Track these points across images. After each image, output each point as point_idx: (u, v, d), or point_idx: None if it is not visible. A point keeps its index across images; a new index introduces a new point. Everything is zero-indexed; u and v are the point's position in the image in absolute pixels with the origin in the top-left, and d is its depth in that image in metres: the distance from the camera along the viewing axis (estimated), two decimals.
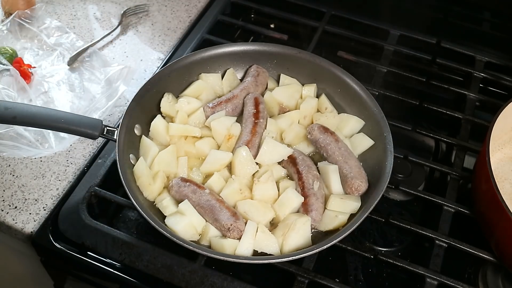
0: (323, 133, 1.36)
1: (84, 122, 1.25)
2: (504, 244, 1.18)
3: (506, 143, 1.37)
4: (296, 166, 1.31)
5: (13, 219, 1.32)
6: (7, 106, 1.21)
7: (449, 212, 1.33)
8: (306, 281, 1.20)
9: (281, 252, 1.21)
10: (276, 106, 1.48)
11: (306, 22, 1.79)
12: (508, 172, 1.32)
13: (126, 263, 1.22)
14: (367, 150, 1.39)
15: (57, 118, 1.23)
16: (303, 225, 1.21)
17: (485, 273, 1.27)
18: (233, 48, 1.55)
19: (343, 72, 1.48)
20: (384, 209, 1.38)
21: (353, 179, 1.28)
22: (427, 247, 1.30)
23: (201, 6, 1.88)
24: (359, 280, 1.30)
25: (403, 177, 1.43)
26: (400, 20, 1.79)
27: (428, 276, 1.21)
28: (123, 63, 1.68)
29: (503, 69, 1.68)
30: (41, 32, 1.70)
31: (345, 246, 1.25)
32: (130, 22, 1.82)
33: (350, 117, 1.43)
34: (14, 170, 1.42)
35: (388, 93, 1.57)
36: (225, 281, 1.19)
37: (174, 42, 1.76)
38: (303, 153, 1.37)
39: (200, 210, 1.24)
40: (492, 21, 1.88)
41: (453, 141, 1.48)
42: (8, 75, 1.57)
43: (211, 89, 1.50)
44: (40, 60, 1.65)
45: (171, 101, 1.43)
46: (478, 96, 1.59)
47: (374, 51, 1.74)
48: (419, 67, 1.74)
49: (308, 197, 1.26)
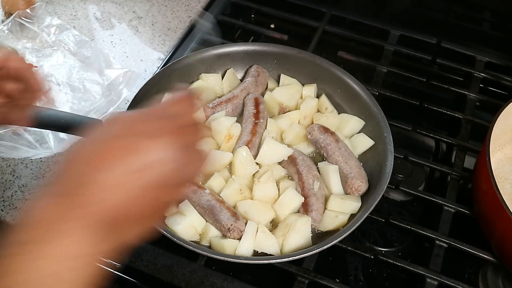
0: (323, 133, 1.36)
1: (84, 122, 1.25)
2: (504, 244, 1.18)
3: (507, 143, 1.37)
4: (296, 166, 1.31)
5: (13, 219, 1.32)
6: None
7: (449, 212, 1.33)
8: (306, 281, 1.20)
9: (281, 252, 1.21)
10: (276, 106, 1.48)
11: (306, 22, 1.79)
12: (508, 172, 1.32)
13: (126, 263, 1.22)
14: (367, 150, 1.39)
15: (57, 118, 1.23)
16: (303, 225, 1.21)
17: (485, 273, 1.27)
18: (233, 48, 1.55)
19: (343, 72, 1.48)
20: (384, 209, 1.38)
21: (353, 179, 1.28)
22: (427, 247, 1.30)
23: (201, 6, 1.88)
24: (359, 280, 1.30)
25: (403, 177, 1.43)
26: (400, 20, 1.79)
27: (428, 276, 1.21)
28: (123, 63, 1.68)
29: (504, 69, 1.68)
30: (42, 31, 1.70)
31: (345, 246, 1.24)
32: (130, 22, 1.82)
33: (350, 117, 1.43)
34: (14, 170, 1.41)
35: (388, 93, 1.57)
36: (225, 281, 1.19)
37: (174, 42, 1.76)
38: (303, 153, 1.37)
39: (200, 210, 1.23)
40: (492, 21, 1.88)
41: (453, 141, 1.48)
42: None
43: (211, 89, 1.50)
44: (42, 59, 1.65)
45: None
46: (478, 96, 1.59)
47: (374, 51, 1.74)
48: (419, 67, 1.74)
49: (308, 197, 1.26)
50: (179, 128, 0.78)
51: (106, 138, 0.74)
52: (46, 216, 0.66)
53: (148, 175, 0.72)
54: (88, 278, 0.67)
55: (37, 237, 0.65)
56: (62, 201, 0.67)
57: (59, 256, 0.64)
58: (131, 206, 0.70)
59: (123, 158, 0.71)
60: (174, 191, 0.77)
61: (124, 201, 0.70)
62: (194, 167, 0.81)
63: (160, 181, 0.73)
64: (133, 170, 0.71)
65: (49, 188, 0.71)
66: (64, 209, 0.67)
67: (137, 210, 0.71)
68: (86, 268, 0.66)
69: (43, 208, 0.67)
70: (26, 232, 0.66)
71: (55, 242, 0.64)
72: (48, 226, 0.65)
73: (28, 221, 0.67)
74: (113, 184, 0.69)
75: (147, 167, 0.71)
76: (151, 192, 0.72)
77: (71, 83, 1.60)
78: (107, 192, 0.69)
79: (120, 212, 0.69)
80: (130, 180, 0.70)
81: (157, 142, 0.73)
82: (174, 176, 0.75)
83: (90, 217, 0.67)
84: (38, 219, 0.66)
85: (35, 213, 0.67)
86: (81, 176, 0.69)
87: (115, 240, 0.71)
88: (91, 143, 0.74)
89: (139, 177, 0.71)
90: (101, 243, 0.68)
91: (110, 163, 0.70)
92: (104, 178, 0.69)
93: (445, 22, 1.87)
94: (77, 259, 0.66)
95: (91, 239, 0.66)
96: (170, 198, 0.77)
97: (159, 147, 0.73)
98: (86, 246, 0.66)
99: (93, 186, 0.68)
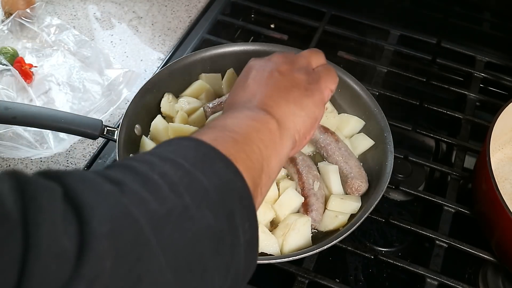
0: (323, 133, 1.36)
1: (84, 122, 1.25)
2: (504, 244, 1.18)
3: (507, 143, 1.37)
4: (296, 166, 1.31)
5: None
6: (7, 106, 1.21)
7: (450, 212, 1.33)
8: (306, 281, 1.20)
9: (281, 252, 1.20)
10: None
11: (306, 22, 1.79)
12: (508, 172, 1.32)
13: None
14: (367, 150, 1.39)
15: (57, 118, 1.23)
16: (303, 225, 1.21)
17: (485, 273, 1.27)
18: (233, 48, 1.54)
19: (343, 72, 1.48)
20: (384, 209, 1.38)
21: (353, 179, 1.28)
22: (427, 247, 1.30)
23: (201, 6, 1.88)
24: (359, 280, 1.30)
25: (403, 177, 1.43)
26: (400, 20, 1.79)
27: (428, 276, 1.21)
28: (123, 63, 1.68)
29: (504, 69, 1.68)
30: (42, 31, 1.70)
31: (346, 246, 1.25)
32: (130, 22, 1.82)
33: (350, 117, 1.43)
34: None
35: (388, 93, 1.57)
36: None
37: (174, 42, 1.76)
38: (303, 153, 1.37)
39: None
40: (492, 21, 1.88)
41: (453, 141, 1.48)
42: (9, 75, 1.57)
43: (211, 89, 1.50)
44: (42, 59, 1.65)
45: (171, 101, 1.43)
46: (479, 96, 1.59)
47: (374, 51, 1.74)
48: (419, 67, 1.74)
49: (308, 197, 1.26)
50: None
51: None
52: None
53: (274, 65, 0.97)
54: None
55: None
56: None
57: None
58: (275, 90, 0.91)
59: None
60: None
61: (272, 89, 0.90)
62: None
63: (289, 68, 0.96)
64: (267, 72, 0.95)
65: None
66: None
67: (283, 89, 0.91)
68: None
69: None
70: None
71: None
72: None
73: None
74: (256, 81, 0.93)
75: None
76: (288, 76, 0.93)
77: (71, 83, 1.60)
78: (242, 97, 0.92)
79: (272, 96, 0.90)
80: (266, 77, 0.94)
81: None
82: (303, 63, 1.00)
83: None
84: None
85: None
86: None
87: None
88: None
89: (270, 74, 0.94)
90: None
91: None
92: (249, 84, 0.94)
93: (445, 22, 1.87)
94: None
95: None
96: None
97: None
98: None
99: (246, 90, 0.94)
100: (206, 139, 0.70)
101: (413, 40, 1.75)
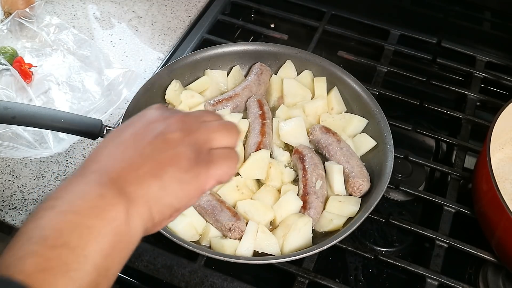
0: (325, 134, 1.36)
1: (84, 122, 1.25)
2: (504, 244, 1.18)
3: (507, 143, 1.37)
4: (303, 163, 1.31)
5: (13, 219, 1.32)
6: (6, 106, 1.20)
7: (450, 212, 1.32)
8: (306, 281, 1.19)
9: (281, 252, 1.20)
10: (301, 93, 1.48)
11: (306, 22, 1.78)
12: (509, 172, 1.32)
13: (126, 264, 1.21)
14: (368, 151, 1.39)
15: (57, 118, 1.23)
16: (304, 225, 1.21)
17: (486, 273, 1.26)
18: (233, 48, 1.55)
19: (343, 72, 1.48)
20: (384, 209, 1.38)
21: (354, 179, 1.28)
22: (427, 248, 1.30)
23: (201, 6, 1.88)
24: (360, 280, 1.30)
25: (403, 177, 1.43)
26: (400, 20, 1.79)
27: (428, 277, 1.21)
28: (123, 63, 1.68)
29: (504, 69, 1.67)
30: (42, 31, 1.69)
31: (346, 247, 1.24)
32: (130, 22, 1.82)
33: (353, 116, 1.43)
34: (14, 170, 1.41)
35: (388, 93, 1.57)
36: (225, 282, 1.19)
37: (174, 42, 1.76)
38: (312, 150, 1.37)
39: (201, 210, 1.23)
40: (492, 21, 1.88)
41: (454, 141, 1.48)
42: (8, 75, 1.57)
43: (216, 86, 1.50)
44: (41, 59, 1.65)
45: (177, 90, 1.43)
46: (479, 96, 1.59)
47: (374, 51, 1.73)
48: (419, 67, 1.74)
49: (308, 195, 1.26)
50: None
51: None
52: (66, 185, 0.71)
53: (147, 131, 0.77)
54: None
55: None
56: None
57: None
58: (135, 160, 0.74)
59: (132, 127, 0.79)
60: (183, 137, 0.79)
61: (128, 157, 0.74)
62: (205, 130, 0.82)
63: (159, 133, 0.77)
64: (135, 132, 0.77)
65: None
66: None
67: (144, 161, 0.74)
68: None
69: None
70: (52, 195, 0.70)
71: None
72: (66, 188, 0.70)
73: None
74: (114, 147, 0.76)
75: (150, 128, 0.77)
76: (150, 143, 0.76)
77: (70, 82, 1.60)
78: (107, 156, 0.75)
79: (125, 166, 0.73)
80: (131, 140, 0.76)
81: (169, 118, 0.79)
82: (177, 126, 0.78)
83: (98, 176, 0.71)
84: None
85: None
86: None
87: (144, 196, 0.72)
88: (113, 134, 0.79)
89: (140, 136, 0.77)
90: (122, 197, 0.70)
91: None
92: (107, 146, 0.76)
93: (445, 22, 1.87)
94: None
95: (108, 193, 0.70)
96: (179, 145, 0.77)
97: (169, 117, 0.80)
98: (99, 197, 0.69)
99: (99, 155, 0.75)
100: (22, 277, 0.60)
101: (413, 40, 1.75)
